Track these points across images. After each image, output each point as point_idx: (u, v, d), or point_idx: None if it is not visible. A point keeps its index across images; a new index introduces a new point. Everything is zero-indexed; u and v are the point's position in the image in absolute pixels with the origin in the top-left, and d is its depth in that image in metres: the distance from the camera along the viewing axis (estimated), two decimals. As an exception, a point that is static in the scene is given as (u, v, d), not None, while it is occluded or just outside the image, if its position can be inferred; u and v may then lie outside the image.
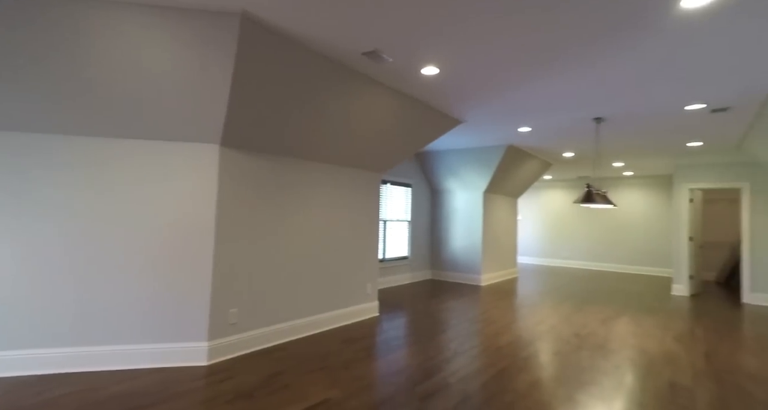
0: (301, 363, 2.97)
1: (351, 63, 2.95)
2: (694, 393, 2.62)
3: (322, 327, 3.83)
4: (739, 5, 2.04)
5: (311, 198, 3.76)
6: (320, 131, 3.45)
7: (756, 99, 3.49)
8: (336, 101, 3.24)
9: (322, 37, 2.55)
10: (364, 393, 2.48)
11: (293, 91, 2.92)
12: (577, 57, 2.73)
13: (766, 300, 5.66)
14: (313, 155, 3.71)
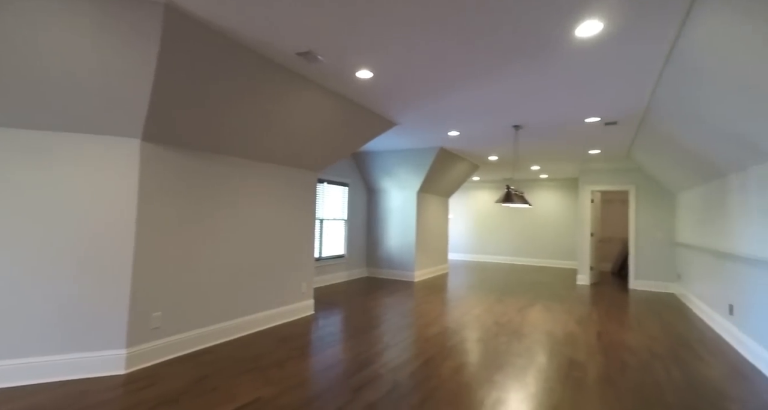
0: (231, 365, 2.91)
1: (286, 62, 2.95)
2: (587, 366, 3.06)
3: (255, 328, 3.77)
4: (618, 38, 2.44)
5: (244, 196, 3.67)
6: (254, 129, 3.39)
7: (636, 116, 4.14)
8: (271, 99, 3.21)
9: (255, 35, 2.53)
10: (296, 390, 2.51)
11: (225, 86, 2.84)
12: (495, 72, 3.03)
13: (646, 286, 6.69)
14: (247, 153, 3.63)
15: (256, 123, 3.35)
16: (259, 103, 3.18)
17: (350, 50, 2.73)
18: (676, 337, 3.92)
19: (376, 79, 3.26)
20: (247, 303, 3.70)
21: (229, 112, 3.07)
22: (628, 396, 2.53)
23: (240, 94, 2.98)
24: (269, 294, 3.94)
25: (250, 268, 3.73)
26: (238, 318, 3.60)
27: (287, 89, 3.22)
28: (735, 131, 2.93)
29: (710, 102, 2.77)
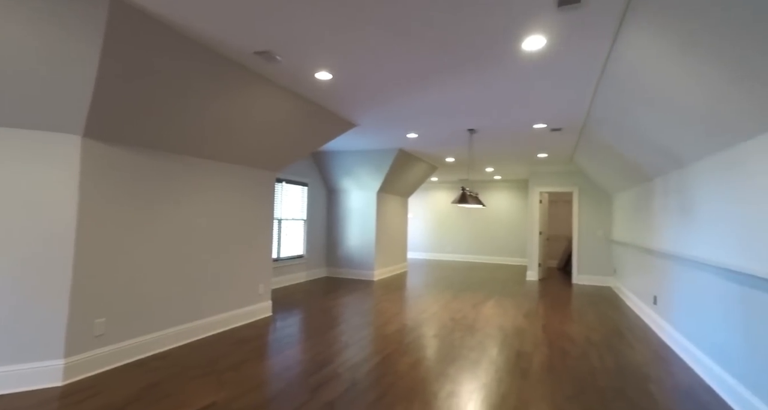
0: (184, 370, 2.83)
1: (243, 61, 2.91)
2: (532, 356, 3.29)
3: (210, 331, 3.66)
4: (559, 52, 2.65)
5: (199, 196, 3.55)
6: (209, 127, 3.30)
7: (578, 124, 4.49)
8: (227, 98, 3.13)
9: (210, 32, 2.47)
10: (253, 392, 2.50)
11: (177, 83, 2.75)
12: (450, 79, 3.17)
13: (587, 280, 7.25)
14: (201, 152, 3.51)
15: (212, 121, 3.26)
16: (215, 101, 3.10)
17: (309, 51, 2.74)
18: (610, 327, 4.30)
19: (336, 80, 3.29)
20: (202, 305, 3.59)
21: (182, 110, 2.97)
22: (567, 382, 2.77)
23: (194, 91, 2.89)
24: (225, 297, 3.85)
25: (204, 270, 3.62)
26: (192, 321, 3.49)
27: (244, 88, 3.16)
28: (658, 140, 3.28)
29: (637, 114, 3.09)
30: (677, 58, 2.08)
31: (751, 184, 2.30)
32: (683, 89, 2.30)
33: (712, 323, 2.82)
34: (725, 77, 1.94)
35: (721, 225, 2.66)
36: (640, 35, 2.14)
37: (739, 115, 2.16)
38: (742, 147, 2.42)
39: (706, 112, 2.36)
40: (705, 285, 2.96)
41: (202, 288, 3.60)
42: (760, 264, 2.16)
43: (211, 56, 2.74)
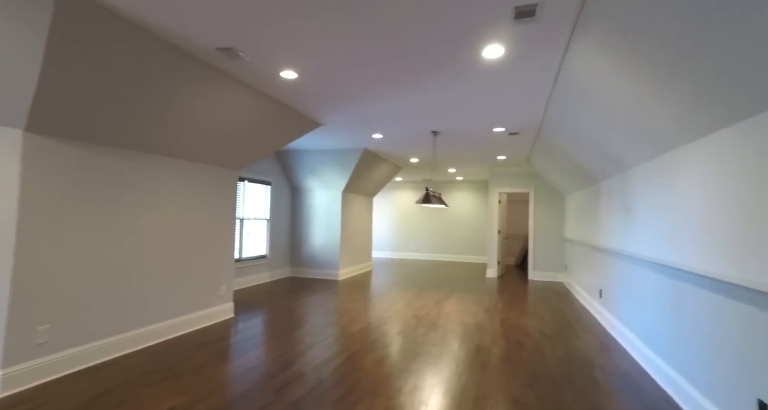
0: (141, 375, 2.71)
1: (206, 57, 2.83)
2: (491, 350, 3.46)
3: (168, 335, 3.53)
4: (517, 61, 2.81)
5: (155, 195, 3.41)
6: (167, 124, 3.18)
7: (533, 128, 4.75)
8: (187, 94, 3.04)
9: (170, 26, 2.39)
10: (215, 395, 2.45)
11: (132, 76, 2.63)
12: (415, 82, 3.26)
13: (542, 276, 7.67)
14: (160, 149, 3.37)
15: (170, 117, 3.14)
16: (174, 97, 2.99)
17: (274, 50, 2.72)
18: (561, 320, 4.60)
19: (301, 80, 3.28)
20: (159, 309, 3.45)
21: (137, 105, 2.84)
22: (523, 372, 2.95)
23: (152, 86, 2.78)
24: (184, 299, 3.72)
25: (162, 272, 3.48)
26: (149, 325, 3.34)
27: (206, 84, 3.08)
28: (603, 145, 3.56)
29: (585, 120, 3.33)
30: (615, 72, 2.29)
31: (675, 189, 2.56)
32: (621, 100, 2.53)
33: (647, 312, 3.11)
34: (653, 93, 2.16)
35: (654, 224, 2.95)
36: (586, 49, 2.33)
37: (664, 127, 2.41)
38: (667, 156, 2.69)
39: (639, 123, 2.60)
40: (642, 278, 3.25)
41: (159, 291, 3.46)
42: (683, 258, 2.42)
43: (170, 50, 2.65)
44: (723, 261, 2.02)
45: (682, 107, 2.13)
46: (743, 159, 1.88)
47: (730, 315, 1.98)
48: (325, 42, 2.56)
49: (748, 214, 1.83)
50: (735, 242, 1.92)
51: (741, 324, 1.88)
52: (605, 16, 1.93)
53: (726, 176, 2.02)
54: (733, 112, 1.89)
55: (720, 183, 2.08)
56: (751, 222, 1.80)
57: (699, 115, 2.10)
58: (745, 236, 1.84)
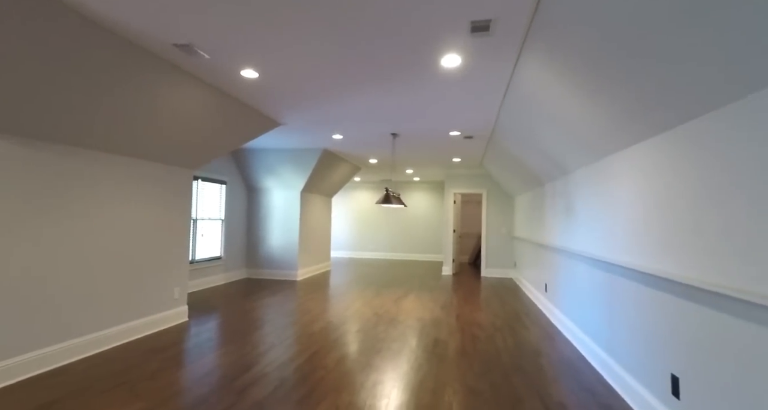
0: (90, 384, 2.57)
1: (162, 52, 2.73)
2: (448, 343, 3.64)
3: (118, 341, 3.34)
4: (472, 70, 3.00)
5: (105, 195, 3.22)
6: (118, 121, 3.02)
7: (486, 133, 5.04)
8: (141, 90, 2.91)
9: (123, 19, 2.30)
10: (175, 399, 2.39)
11: (79, 69, 2.48)
12: (375, 86, 3.36)
13: (493, 273, 8.10)
14: (109, 147, 3.19)
15: (122, 114, 2.99)
16: (126, 93, 2.85)
17: (234, 48, 2.69)
18: (511, 313, 4.92)
19: (263, 79, 3.25)
20: (107, 314, 3.26)
21: (85, 100, 2.68)
22: (477, 363, 3.15)
23: (100, 80, 2.64)
24: (135, 303, 3.54)
25: (111, 275, 3.29)
26: (96, 332, 3.15)
27: (162, 80, 2.97)
28: (548, 150, 3.88)
29: (534, 128, 3.62)
30: (558, 86, 2.53)
31: (608, 193, 2.88)
32: (563, 112, 2.80)
33: (585, 303, 3.45)
34: (588, 107, 2.42)
35: (592, 223, 3.27)
36: (534, 64, 2.56)
37: (598, 137, 2.70)
38: (602, 162, 3.01)
39: (579, 132, 2.89)
40: (581, 273, 3.59)
41: (108, 295, 3.27)
42: (615, 254, 2.73)
43: (123, 43, 2.53)
44: (645, 256, 2.31)
45: (611, 121, 2.41)
46: (658, 167, 2.17)
47: (650, 303, 2.27)
48: (287, 43, 2.58)
49: (662, 215, 2.12)
50: (654, 239, 2.21)
51: (659, 309, 2.17)
52: (549, 36, 2.15)
53: (645, 182, 2.32)
54: (650, 128, 2.17)
55: (641, 188, 2.38)
56: (666, 222, 2.09)
57: (624, 129, 2.38)
58: (661, 234, 2.14)
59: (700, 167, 1.83)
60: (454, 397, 2.53)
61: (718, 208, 1.69)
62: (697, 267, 1.82)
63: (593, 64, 2.05)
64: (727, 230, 1.63)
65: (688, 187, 1.91)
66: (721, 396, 1.66)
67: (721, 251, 1.66)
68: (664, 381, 2.11)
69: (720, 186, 1.69)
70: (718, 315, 1.70)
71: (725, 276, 1.63)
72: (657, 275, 2.10)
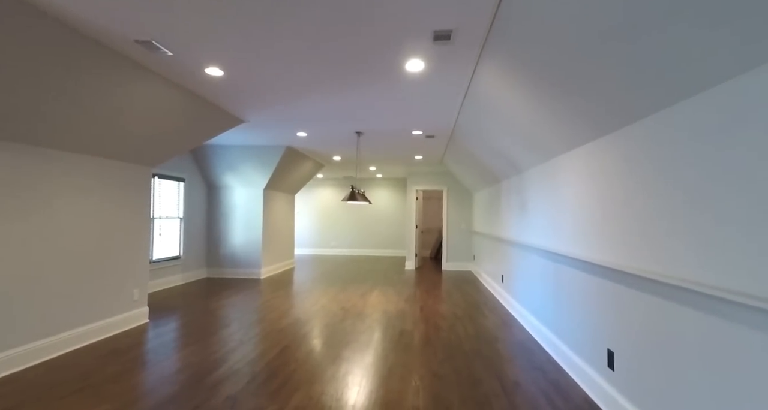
0: (49, 389, 2.48)
1: (122, 48, 2.65)
2: (413, 334, 3.83)
3: (75, 345, 3.21)
4: (435, 75, 3.18)
5: (60, 193, 3.07)
6: (74, 118, 2.89)
7: (447, 133, 5.28)
8: (100, 87, 2.80)
9: (79, 12, 2.23)
10: (144, 399, 2.37)
11: (37, 67, 2.37)
12: (340, 86, 3.45)
13: (454, 266, 8.45)
14: (63, 144, 3.04)
15: (79, 112, 2.86)
16: (84, 89, 2.74)
17: (198, 45, 2.68)
18: (471, 303, 5.22)
19: (228, 77, 3.24)
20: (62, 317, 3.12)
21: (40, 97, 2.56)
22: (441, 350, 3.36)
23: (55, 76, 2.53)
24: (92, 306, 3.40)
25: (65, 277, 3.14)
26: (50, 336, 3.01)
27: (122, 77, 2.87)
28: (503, 150, 4.16)
29: (490, 130, 3.87)
30: (511, 93, 2.77)
31: (557, 190, 3.18)
32: (516, 116, 3.05)
33: (537, 291, 3.77)
34: (538, 112, 2.68)
35: (543, 218, 3.58)
36: (490, 72, 2.77)
37: (547, 139, 2.99)
38: (551, 162, 3.32)
39: (530, 134, 3.17)
40: (533, 264, 3.91)
41: (62, 298, 3.13)
42: (562, 245, 3.03)
43: (78, 38, 2.44)
44: (587, 247, 2.61)
45: (560, 125, 2.68)
46: (600, 167, 2.46)
47: (590, 288, 2.57)
48: (253, 42, 2.61)
49: (602, 210, 2.41)
50: (595, 232, 2.51)
51: (598, 294, 2.47)
52: (505, 46, 2.36)
53: (588, 181, 2.62)
54: (593, 131, 2.46)
55: (585, 186, 2.67)
56: (604, 216, 2.38)
57: (571, 132, 2.66)
58: (601, 227, 2.43)
59: (634, 166, 2.11)
60: (420, 382, 2.71)
61: (648, 203, 1.98)
62: (629, 255, 2.11)
63: (544, 73, 2.28)
64: (654, 222, 1.92)
65: (624, 184, 2.20)
66: (651, 366, 1.95)
67: (650, 240, 1.95)
68: (601, 356, 2.41)
69: (650, 183, 1.97)
70: (647, 297, 1.99)
71: (654, 262, 1.92)
72: (596, 263, 2.38)
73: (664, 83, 1.66)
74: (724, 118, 1.47)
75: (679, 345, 1.72)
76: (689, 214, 1.65)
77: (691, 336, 1.64)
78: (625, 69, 1.75)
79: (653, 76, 1.67)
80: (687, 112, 1.66)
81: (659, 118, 1.86)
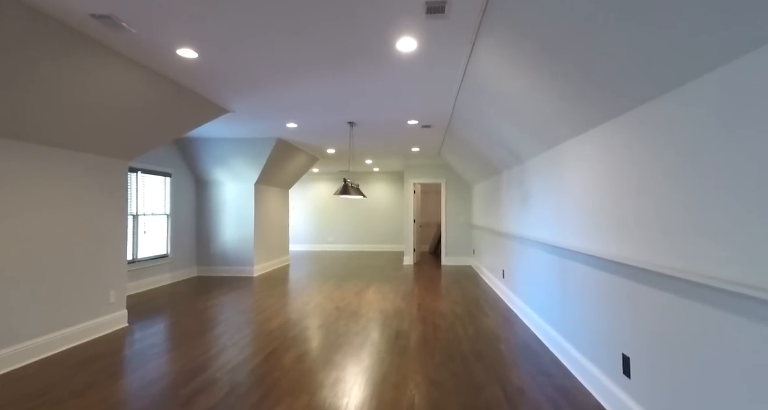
0: (4, 406, 2.24)
1: (81, 27, 2.38)
2: (410, 334, 3.61)
3: (40, 355, 2.97)
4: (429, 56, 2.91)
5: (25, 189, 2.81)
6: (37, 106, 2.62)
7: (444, 122, 5.01)
8: (61, 70, 2.53)
9: (30, -18, 1.96)
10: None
11: (-24, 41, 2.10)
12: (329, 70, 3.18)
13: (453, 261, 8.23)
14: (26, 135, 2.77)
15: (40, 98, 2.59)
16: (43, 73, 2.47)
17: (164, 22, 2.40)
18: (471, 300, 5.00)
19: (203, 60, 2.96)
20: (26, 325, 2.88)
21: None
22: (439, 353, 3.13)
23: (9, 57, 2.25)
24: (62, 311, 3.16)
25: (31, 280, 2.90)
26: (12, 345, 2.77)
27: (85, 60, 2.60)
28: (504, 138, 3.90)
29: (490, 117, 3.61)
30: (513, 73, 2.51)
31: (561, 179, 2.94)
32: (518, 99, 2.79)
33: (541, 288, 3.53)
34: (543, 93, 2.42)
35: (546, 210, 3.34)
36: (489, 50, 2.51)
37: (552, 124, 2.73)
38: (556, 149, 3.06)
39: (533, 119, 2.91)
40: (537, 259, 3.68)
41: (26, 303, 2.88)
42: (569, 240, 2.79)
43: (30, 13, 2.17)
44: (597, 240, 2.37)
45: (565, 107, 2.42)
46: (611, 152, 2.21)
47: (602, 286, 2.33)
48: (228, 21, 2.34)
49: (617, 200, 2.17)
50: (606, 224, 2.26)
51: (610, 292, 2.23)
52: (503, 19, 2.09)
53: (598, 168, 2.37)
54: (604, 112, 2.20)
55: (594, 173, 2.42)
56: (618, 207, 2.13)
57: (577, 115, 2.41)
58: (613, 218, 2.18)
59: (652, 151, 1.86)
60: (416, 390, 2.48)
61: (670, 192, 1.73)
62: (647, 250, 1.87)
63: (547, 48, 2.02)
64: (678, 213, 1.67)
65: (641, 171, 1.95)
66: (673, 373, 1.72)
67: (673, 233, 1.70)
68: (616, 361, 2.17)
69: (672, 169, 1.72)
70: (668, 296, 1.75)
71: (676, 258, 1.67)
72: (608, 258, 2.14)
73: (700, 45, 1.40)
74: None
75: (708, 351, 1.48)
76: (723, 204, 1.40)
77: (724, 342, 1.41)
78: (650, 33, 1.49)
79: (684, 38, 1.41)
80: (726, 80, 1.41)
81: (688, 91, 1.60)
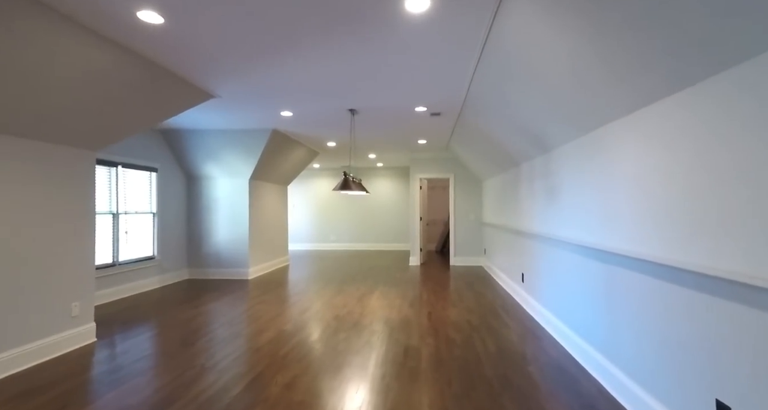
0: None
1: (3, -28, 1.88)
2: (420, 351, 3.10)
3: (-20, 384, 2.49)
4: (441, 20, 2.38)
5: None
6: (-48, 75, 2.12)
7: (456, 108, 4.48)
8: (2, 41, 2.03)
9: None
10: (38, 477, 1.66)
11: None
12: (325, 43, 2.65)
13: (462, 261, 7.71)
14: (-57, 114, 2.28)
15: (-44, 66, 2.10)
16: (-44, 34, 1.97)
17: (119, -27, 1.89)
18: (487, 307, 4.48)
19: (171, 27, 2.45)
20: (-38, 348, 2.40)
21: None
22: (456, 377, 2.62)
23: None
24: (8, 329, 2.68)
25: (-35, 295, 2.42)
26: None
27: (31, 27, 2.09)
28: (527, 124, 3.37)
29: (510, 98, 3.08)
30: (549, 39, 1.97)
31: (606, 169, 2.41)
32: (550, 68, 2.26)
33: (576, 299, 3.01)
34: (587, 55, 1.89)
35: (583, 206, 2.81)
36: (518, 11, 1.97)
37: (600, 99, 2.19)
38: (598, 132, 2.53)
39: (572, 95, 2.37)
40: (568, 262, 3.15)
41: (-37, 322, 2.40)
42: (619, 242, 2.27)
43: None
44: (660, 244, 1.84)
45: (612, 77, 1.88)
46: (680, 134, 1.68)
47: (677, 305, 1.81)
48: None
49: (687, 193, 1.64)
50: (677, 222, 1.73)
51: (692, 314, 1.71)
52: (555, -51, 1.56)
53: (661, 154, 1.83)
54: (669, 83, 1.66)
55: (654, 161, 1.89)
56: (696, 201, 1.60)
57: (630, 87, 1.87)
58: (689, 215, 1.65)
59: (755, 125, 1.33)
60: (432, 432, 1.97)
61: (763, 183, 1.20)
62: (735, 257, 1.34)
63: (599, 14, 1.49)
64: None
65: (724, 156, 1.42)
66: (805, 440, 1.20)
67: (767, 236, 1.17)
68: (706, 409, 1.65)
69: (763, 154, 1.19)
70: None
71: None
72: (678, 267, 1.62)
73: None
74: None
75: None
76: None
77: None
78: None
79: None
80: None
81: None
